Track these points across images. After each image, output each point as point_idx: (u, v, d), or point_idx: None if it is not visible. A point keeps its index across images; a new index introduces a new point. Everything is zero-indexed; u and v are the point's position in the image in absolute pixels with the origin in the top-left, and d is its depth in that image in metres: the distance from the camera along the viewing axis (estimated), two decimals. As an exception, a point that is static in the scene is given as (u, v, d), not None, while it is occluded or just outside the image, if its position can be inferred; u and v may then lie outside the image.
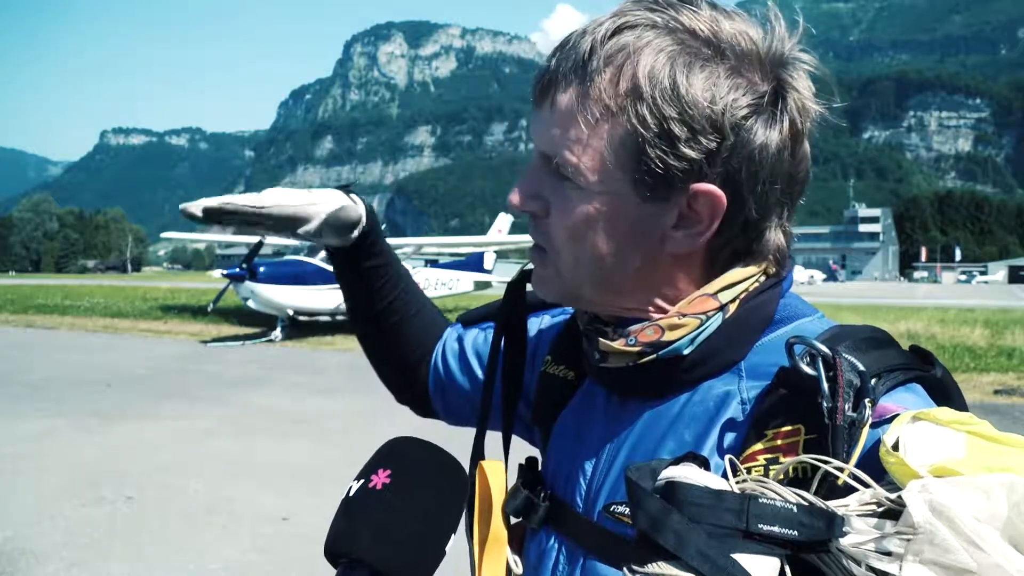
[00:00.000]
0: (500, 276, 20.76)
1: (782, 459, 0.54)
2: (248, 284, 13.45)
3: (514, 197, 0.66)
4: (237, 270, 13.48)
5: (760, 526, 0.45)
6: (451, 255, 22.05)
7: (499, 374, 0.81)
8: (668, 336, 0.62)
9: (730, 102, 0.57)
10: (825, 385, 0.52)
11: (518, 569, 0.74)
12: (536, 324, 0.87)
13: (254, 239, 15.94)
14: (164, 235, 22.37)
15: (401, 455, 0.62)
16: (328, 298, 14.66)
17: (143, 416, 7.35)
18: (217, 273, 19.10)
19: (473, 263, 19.55)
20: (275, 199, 0.78)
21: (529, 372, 0.83)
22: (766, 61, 0.59)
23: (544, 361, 0.80)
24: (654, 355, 0.63)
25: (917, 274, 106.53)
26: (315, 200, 0.80)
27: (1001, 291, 51.31)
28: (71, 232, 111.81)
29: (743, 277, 0.63)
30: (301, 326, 15.33)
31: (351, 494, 0.59)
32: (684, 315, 0.62)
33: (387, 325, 0.91)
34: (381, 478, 0.59)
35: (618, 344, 0.64)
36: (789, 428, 0.55)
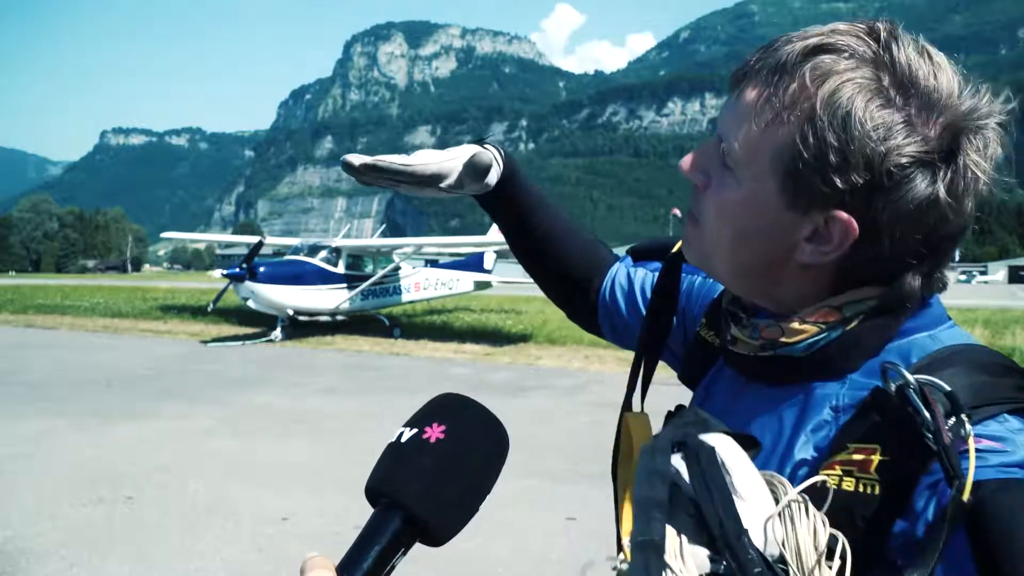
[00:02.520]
0: (500, 276, 20.75)
1: (856, 473, 0.59)
2: (248, 284, 13.44)
3: (685, 163, 0.71)
4: (237, 270, 13.47)
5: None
6: (451, 255, 22.03)
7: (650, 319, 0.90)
8: (786, 338, 0.67)
9: (892, 147, 0.58)
10: (925, 414, 0.55)
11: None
12: (690, 280, 0.94)
13: (254, 239, 15.96)
14: (164, 235, 22.37)
15: (456, 413, 0.63)
16: (328, 298, 14.67)
17: (143, 416, 7.35)
18: (217, 273, 19.08)
19: (473, 263, 19.52)
20: (420, 159, 0.86)
21: (679, 323, 0.93)
22: (951, 119, 0.59)
23: (700, 324, 0.87)
24: (771, 352, 0.69)
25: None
26: (453, 155, 0.88)
27: (1001, 291, 51.28)
28: (71, 232, 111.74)
29: (871, 296, 0.66)
30: (301, 326, 15.33)
31: (403, 440, 0.61)
32: (805, 322, 0.67)
33: (546, 253, 1.02)
34: (436, 432, 0.60)
35: (745, 335, 0.71)
36: (867, 446, 0.60)
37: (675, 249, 0.90)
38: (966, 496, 0.52)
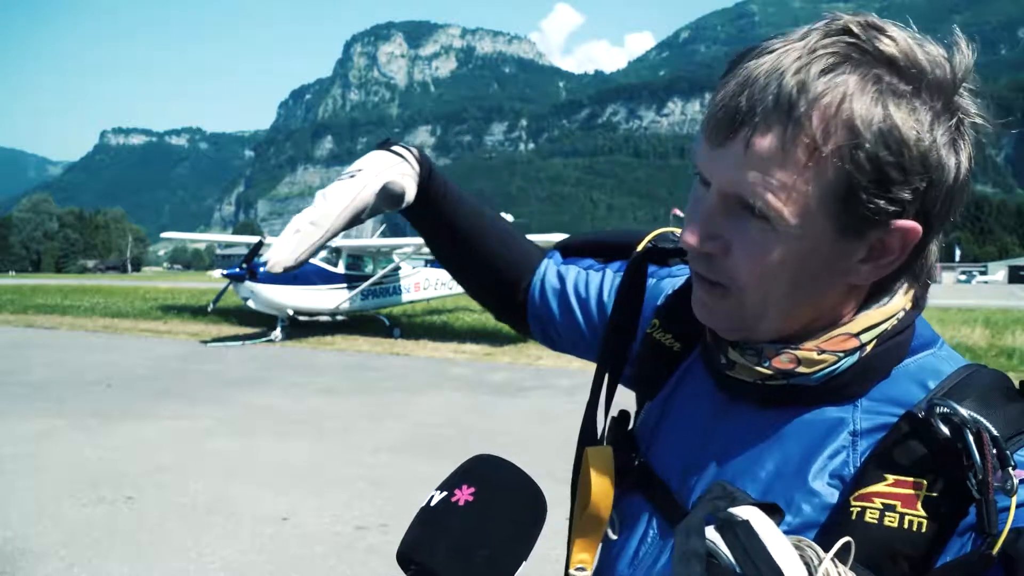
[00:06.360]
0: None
1: (899, 508, 0.57)
2: (248, 284, 13.43)
3: (691, 239, 0.63)
4: (237, 270, 13.47)
5: None
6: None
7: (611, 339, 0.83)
8: (802, 369, 0.64)
9: (933, 139, 0.56)
10: (977, 459, 0.54)
11: (613, 536, 0.76)
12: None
13: (254, 239, 15.97)
14: (164, 235, 22.34)
15: (486, 474, 0.62)
16: (328, 298, 14.66)
17: (143, 416, 7.35)
18: (217, 273, 19.10)
19: (473, 263, 19.54)
20: (330, 211, 0.76)
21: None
22: (950, 88, 0.58)
23: (651, 324, 0.80)
24: (784, 382, 0.65)
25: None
26: (362, 185, 0.79)
27: (1001, 291, 51.28)
28: (71, 232, 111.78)
29: (886, 317, 0.64)
30: (301, 326, 15.33)
31: (432, 504, 0.60)
32: (823, 351, 0.63)
33: (471, 253, 0.94)
34: (465, 494, 0.59)
35: (749, 361, 0.66)
36: (911, 479, 0.57)
37: (640, 248, 0.83)
38: (995, 551, 0.52)
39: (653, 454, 0.76)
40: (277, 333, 14.14)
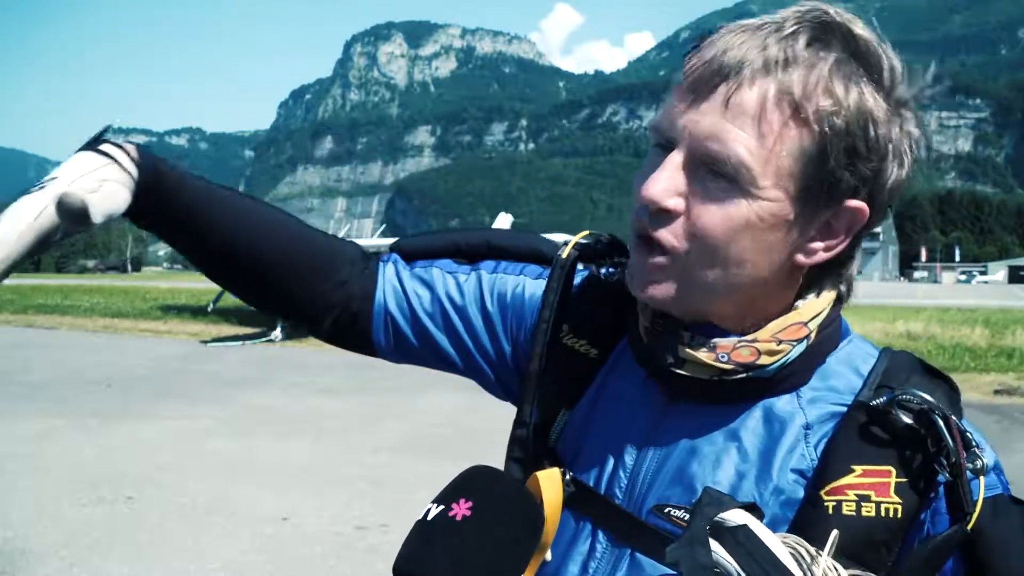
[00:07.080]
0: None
1: (874, 498, 0.58)
2: (248, 284, 13.44)
3: (654, 191, 0.60)
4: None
5: None
6: (451, 255, 22.04)
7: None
8: (763, 360, 0.62)
9: (893, 128, 0.60)
10: (950, 441, 0.57)
11: (548, 557, 0.71)
12: (529, 282, 0.80)
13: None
14: (164, 235, 22.25)
15: (484, 488, 0.61)
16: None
17: (143, 416, 7.35)
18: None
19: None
20: (7, 235, 0.60)
21: (507, 331, 0.79)
22: (899, 92, 0.61)
23: (562, 330, 0.74)
24: (744, 375, 0.63)
25: (917, 274, 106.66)
26: (41, 204, 0.61)
27: (1001, 291, 51.33)
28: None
29: (825, 306, 0.65)
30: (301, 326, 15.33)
31: (429, 518, 0.59)
32: (781, 341, 0.63)
33: (246, 268, 0.76)
34: (462, 509, 0.59)
35: (706, 357, 0.63)
36: (880, 468, 0.59)
37: (564, 255, 0.74)
38: (970, 527, 0.56)
39: (580, 465, 0.71)
40: (277, 333, 14.14)
